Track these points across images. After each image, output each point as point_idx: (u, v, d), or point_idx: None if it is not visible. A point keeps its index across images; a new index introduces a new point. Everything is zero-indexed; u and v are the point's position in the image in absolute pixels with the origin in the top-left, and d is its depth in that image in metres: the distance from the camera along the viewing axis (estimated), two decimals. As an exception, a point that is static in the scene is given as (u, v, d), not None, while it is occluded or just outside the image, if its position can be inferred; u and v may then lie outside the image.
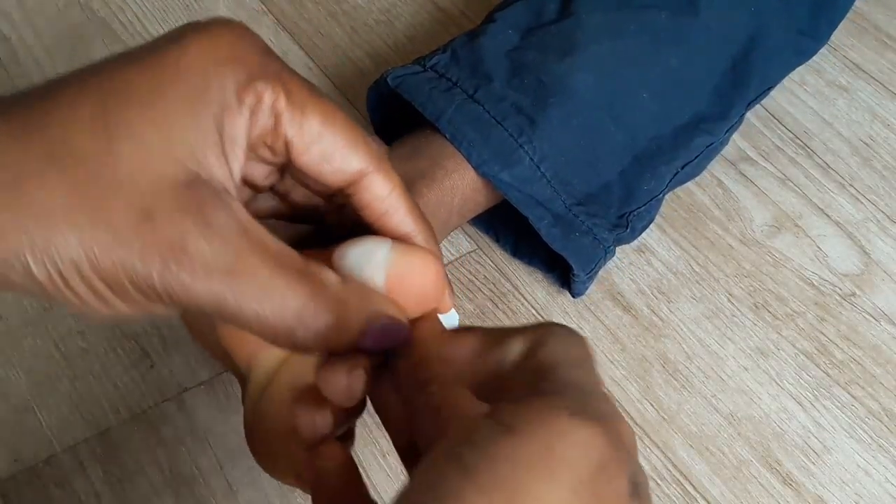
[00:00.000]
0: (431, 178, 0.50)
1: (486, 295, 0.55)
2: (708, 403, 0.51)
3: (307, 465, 0.31)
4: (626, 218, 0.53)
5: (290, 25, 0.68)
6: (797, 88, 0.65)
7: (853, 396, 0.51)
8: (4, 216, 0.25)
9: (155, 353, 0.52)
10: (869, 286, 0.56)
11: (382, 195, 0.30)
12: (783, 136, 0.63)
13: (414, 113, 0.52)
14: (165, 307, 0.27)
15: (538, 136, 0.50)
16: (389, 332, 0.29)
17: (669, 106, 0.54)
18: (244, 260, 0.27)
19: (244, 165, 0.28)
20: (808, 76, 0.65)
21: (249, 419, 0.33)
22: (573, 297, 0.54)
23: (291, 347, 0.28)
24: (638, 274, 0.56)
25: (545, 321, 0.28)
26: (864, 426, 0.50)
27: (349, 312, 0.28)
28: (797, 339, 0.53)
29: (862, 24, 0.68)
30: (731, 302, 0.55)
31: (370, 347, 0.29)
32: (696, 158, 0.56)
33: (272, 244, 0.27)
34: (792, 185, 0.60)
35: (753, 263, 0.56)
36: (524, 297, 0.54)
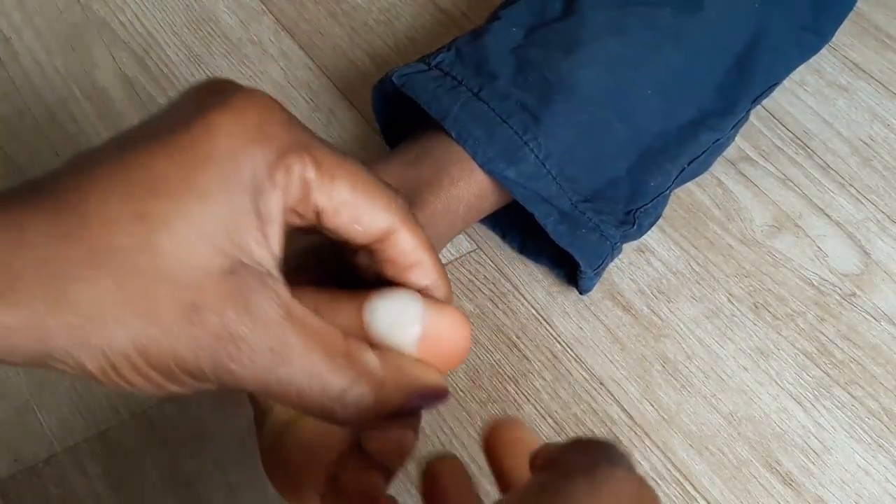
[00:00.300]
0: (438, 186, 0.50)
1: (486, 295, 0.55)
2: (708, 403, 0.51)
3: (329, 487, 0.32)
4: (632, 214, 0.53)
5: (290, 25, 0.68)
6: (797, 88, 0.65)
7: (853, 396, 0.51)
8: (53, 317, 0.25)
9: (155, 353, 0.52)
10: (869, 286, 0.56)
11: (408, 250, 0.31)
12: (783, 136, 0.63)
13: (419, 110, 0.52)
14: (216, 387, 0.28)
15: (543, 133, 0.50)
16: (428, 399, 0.30)
17: (674, 102, 0.55)
18: (288, 344, 0.27)
19: (281, 240, 0.28)
20: (808, 76, 0.65)
21: (271, 449, 0.34)
22: (581, 293, 0.54)
23: (329, 422, 0.29)
24: (638, 274, 0.56)
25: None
26: (864, 426, 0.50)
27: (389, 391, 0.29)
28: (797, 339, 0.53)
29: (862, 24, 0.68)
30: (731, 302, 0.55)
31: (407, 415, 0.30)
32: (702, 154, 0.56)
33: (315, 325, 0.28)
34: (792, 185, 0.60)
35: (753, 263, 0.56)
36: (524, 297, 0.54)
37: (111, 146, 0.27)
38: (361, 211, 0.29)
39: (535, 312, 0.54)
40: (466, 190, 0.50)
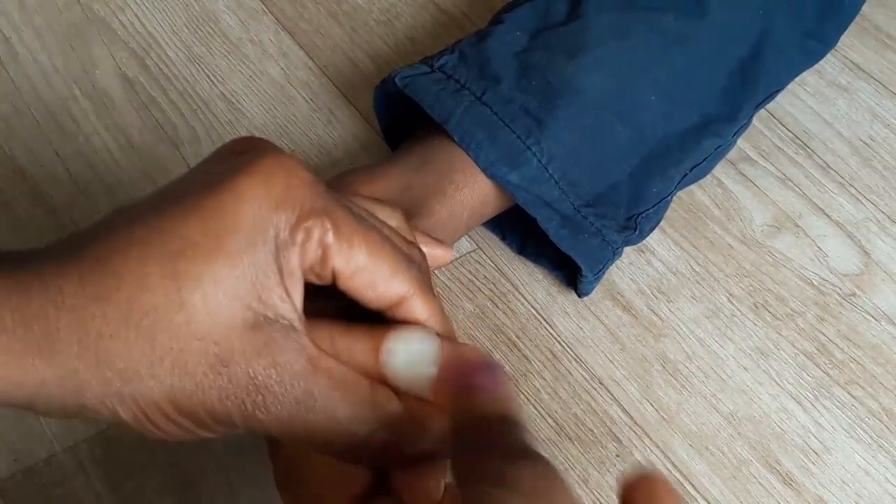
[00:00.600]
0: (443, 193, 0.50)
1: (486, 295, 0.55)
2: (708, 403, 0.51)
3: None
4: (634, 220, 0.53)
5: (290, 25, 0.68)
6: (797, 88, 0.65)
7: (853, 396, 0.51)
8: (89, 372, 0.27)
9: (155, 353, 0.52)
10: (869, 286, 0.56)
11: (422, 318, 0.33)
12: (783, 136, 0.63)
13: (420, 112, 0.52)
14: (244, 432, 0.30)
15: (546, 137, 0.50)
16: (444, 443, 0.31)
17: (677, 107, 0.55)
18: (313, 394, 0.29)
19: (303, 295, 0.30)
20: (808, 76, 0.65)
21: (288, 475, 0.34)
22: (580, 296, 0.54)
23: (353, 464, 0.31)
24: (638, 274, 0.56)
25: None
26: (864, 426, 0.50)
27: (410, 437, 0.31)
28: (797, 339, 0.53)
29: (862, 24, 0.68)
30: (730, 302, 0.55)
31: (430, 456, 0.32)
32: (704, 160, 0.56)
33: (340, 374, 0.30)
34: (792, 185, 0.60)
35: (753, 263, 0.56)
36: (524, 297, 0.54)
37: (145, 207, 0.29)
38: (377, 278, 0.31)
39: (535, 312, 0.54)
40: (470, 196, 0.50)
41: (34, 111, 0.62)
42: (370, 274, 0.31)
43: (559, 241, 0.51)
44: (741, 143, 0.62)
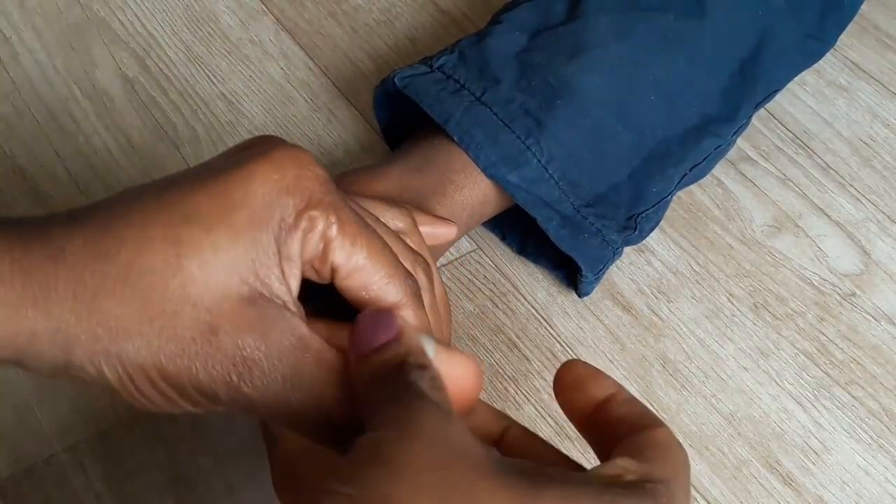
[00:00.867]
0: (443, 194, 0.50)
1: (486, 295, 0.55)
2: (708, 403, 0.51)
3: None
4: (634, 220, 0.53)
5: (290, 25, 0.68)
6: (797, 88, 0.65)
7: (853, 396, 0.51)
8: (80, 327, 0.27)
9: (155, 353, 0.52)
10: (869, 286, 0.56)
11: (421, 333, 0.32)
12: (783, 136, 0.63)
13: (420, 112, 0.52)
14: (230, 409, 0.29)
15: (546, 137, 0.50)
16: None
17: (677, 107, 0.54)
18: (300, 372, 0.29)
19: (300, 281, 0.30)
20: (808, 76, 0.65)
21: (285, 476, 0.34)
22: (580, 296, 0.54)
23: (333, 447, 0.30)
24: (638, 274, 0.56)
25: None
26: (864, 426, 0.50)
27: None
28: (797, 339, 0.53)
29: (862, 24, 0.68)
30: (731, 302, 0.55)
31: None
32: (704, 160, 0.56)
33: (328, 355, 0.30)
34: (792, 185, 0.60)
35: (753, 263, 0.56)
36: (524, 297, 0.54)
37: (154, 185, 0.30)
38: (373, 280, 0.31)
39: (535, 312, 0.54)
40: (470, 196, 0.51)
41: (34, 111, 0.62)
42: (367, 276, 0.31)
43: (559, 241, 0.51)
44: (741, 143, 0.62)
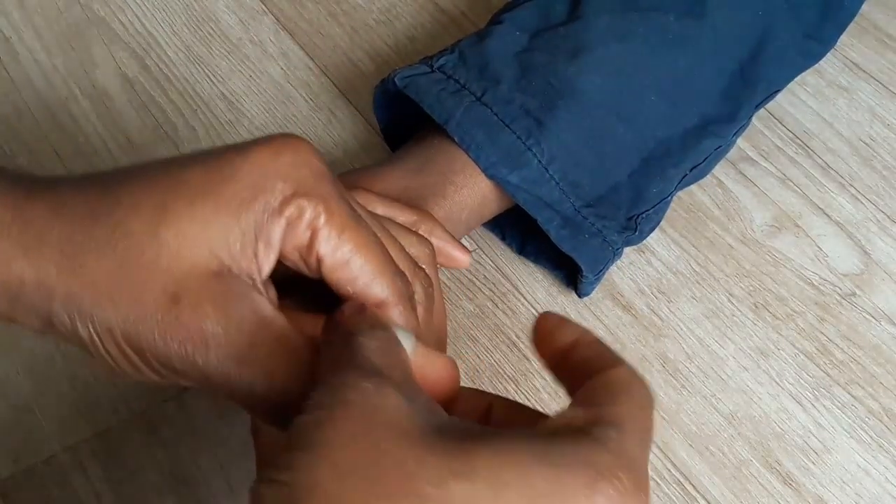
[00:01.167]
0: (442, 195, 0.50)
1: (486, 295, 0.55)
2: (708, 403, 0.51)
3: None
4: (634, 220, 0.53)
5: (290, 25, 0.68)
6: (797, 88, 0.65)
7: (853, 396, 0.51)
8: (62, 280, 0.28)
9: (155, 353, 0.52)
10: (869, 286, 0.56)
11: (398, 325, 0.32)
12: (783, 136, 0.63)
13: (420, 112, 0.52)
14: (190, 381, 0.30)
15: (546, 137, 0.50)
16: None
17: (678, 108, 0.54)
18: (257, 349, 0.29)
19: (273, 266, 0.30)
20: (808, 76, 0.65)
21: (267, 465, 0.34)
22: (580, 297, 0.54)
23: (281, 428, 0.30)
24: (638, 274, 0.56)
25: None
26: (864, 426, 0.50)
27: None
28: (797, 339, 0.53)
29: (862, 24, 0.68)
30: (731, 302, 0.55)
31: None
32: (704, 161, 0.56)
33: (288, 335, 0.30)
34: (792, 185, 0.60)
35: (753, 263, 0.56)
36: (524, 296, 0.54)
37: (166, 159, 0.31)
38: (358, 274, 0.31)
39: (535, 312, 0.54)
40: (470, 197, 0.50)
41: (34, 111, 0.62)
42: (353, 270, 0.31)
43: (560, 242, 0.51)
44: (741, 143, 0.62)
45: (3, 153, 0.60)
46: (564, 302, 0.54)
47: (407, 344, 0.30)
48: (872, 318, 0.54)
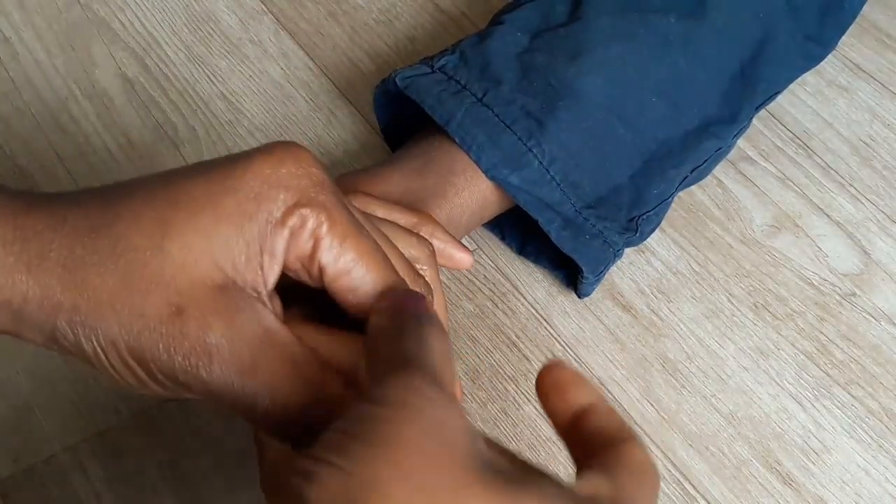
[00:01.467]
0: (442, 197, 0.50)
1: (486, 295, 0.55)
2: (708, 403, 0.51)
3: None
4: (635, 221, 0.53)
5: (290, 25, 0.68)
6: (797, 88, 0.65)
7: (853, 396, 0.51)
8: (66, 296, 0.28)
9: (155, 353, 0.52)
10: (869, 286, 0.56)
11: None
12: (783, 136, 0.63)
13: (421, 112, 0.52)
14: (195, 394, 0.30)
15: (547, 138, 0.50)
16: None
17: (679, 109, 0.54)
18: (262, 362, 0.29)
19: (278, 278, 0.30)
20: (808, 76, 0.65)
21: (271, 476, 0.34)
22: (579, 297, 0.54)
23: (285, 442, 0.30)
24: (638, 274, 0.56)
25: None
26: (864, 426, 0.50)
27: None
28: (797, 338, 0.53)
29: (862, 24, 0.68)
30: (730, 302, 0.55)
31: None
32: (704, 162, 0.56)
33: (292, 349, 0.30)
34: (792, 185, 0.60)
35: (753, 263, 0.56)
36: (524, 296, 0.54)
37: (166, 172, 0.31)
38: (360, 283, 0.31)
39: (535, 312, 0.54)
40: (470, 199, 0.50)
41: (34, 111, 0.62)
42: (354, 279, 0.31)
43: (561, 243, 0.51)
44: (741, 142, 0.62)
45: (3, 153, 0.60)
46: (564, 302, 0.54)
47: None
48: (872, 318, 0.54)
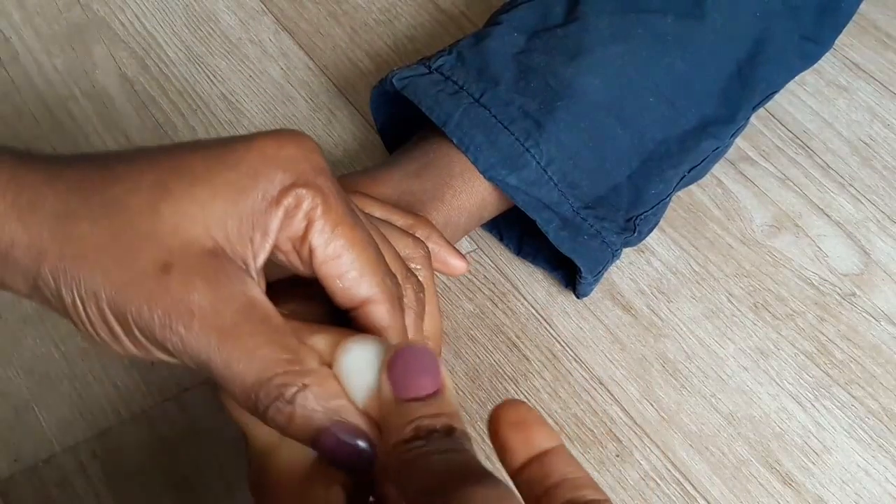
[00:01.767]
0: (441, 199, 0.50)
1: (485, 295, 0.55)
2: (708, 403, 0.51)
3: None
4: (633, 221, 0.53)
5: (290, 25, 0.68)
6: (797, 88, 0.65)
7: (853, 396, 0.51)
8: (53, 244, 0.29)
9: (155, 353, 0.52)
10: (869, 286, 0.56)
11: (382, 325, 0.33)
12: (783, 136, 0.63)
13: (418, 112, 0.51)
14: (168, 355, 0.30)
15: (545, 139, 0.50)
16: (345, 445, 0.30)
17: (676, 109, 0.54)
18: (241, 326, 0.29)
19: (267, 255, 0.31)
20: (808, 76, 0.65)
21: (256, 472, 0.34)
22: (578, 297, 0.54)
23: (252, 413, 0.30)
24: (638, 274, 0.56)
25: None
26: (864, 426, 0.50)
27: (313, 414, 0.30)
28: (797, 338, 0.53)
29: (862, 23, 0.68)
30: (730, 302, 0.55)
31: (327, 455, 0.30)
32: (702, 162, 0.56)
33: (273, 319, 0.30)
34: (792, 185, 0.60)
35: (753, 263, 0.56)
36: (524, 296, 0.54)
37: (174, 144, 0.31)
38: (347, 269, 0.32)
39: (535, 312, 0.54)
40: (468, 200, 0.50)
41: (34, 111, 0.62)
42: (343, 265, 0.32)
43: (559, 243, 0.51)
44: (741, 142, 0.62)
45: (2, 153, 0.60)
46: (564, 302, 0.54)
47: (377, 356, 0.30)
48: (872, 318, 0.54)
